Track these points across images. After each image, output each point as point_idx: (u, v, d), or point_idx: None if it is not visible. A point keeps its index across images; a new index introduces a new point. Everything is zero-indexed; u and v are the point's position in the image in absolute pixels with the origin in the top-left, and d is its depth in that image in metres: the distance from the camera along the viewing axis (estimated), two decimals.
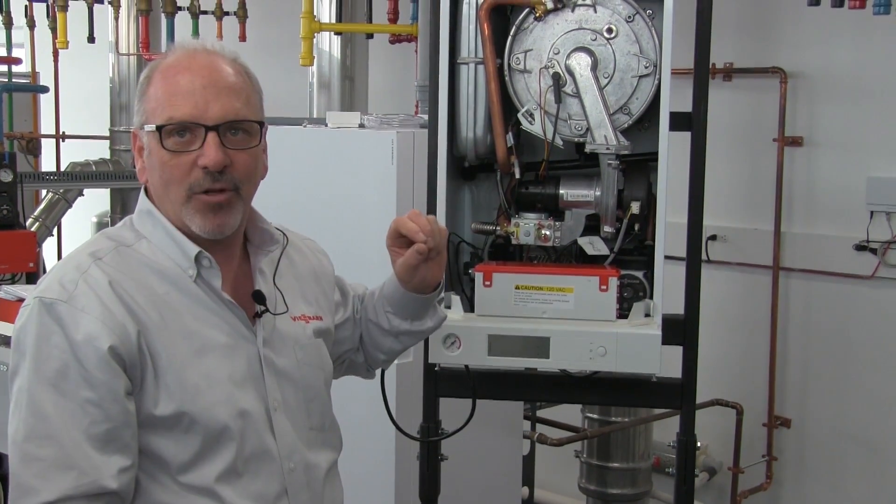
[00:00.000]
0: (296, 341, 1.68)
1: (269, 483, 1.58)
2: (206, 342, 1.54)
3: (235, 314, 1.59)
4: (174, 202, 1.55)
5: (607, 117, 2.04)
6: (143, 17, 5.38)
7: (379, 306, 1.87)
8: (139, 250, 1.56)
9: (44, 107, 6.80)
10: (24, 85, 6.57)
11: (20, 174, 4.95)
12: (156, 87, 1.56)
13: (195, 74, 1.54)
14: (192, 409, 1.50)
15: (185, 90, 1.53)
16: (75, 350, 1.44)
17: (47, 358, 1.44)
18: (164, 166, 1.54)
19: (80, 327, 1.44)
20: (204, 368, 1.52)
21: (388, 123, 2.97)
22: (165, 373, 1.49)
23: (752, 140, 4.34)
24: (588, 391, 2.34)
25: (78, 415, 1.43)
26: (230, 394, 1.54)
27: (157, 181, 1.56)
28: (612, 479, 4.20)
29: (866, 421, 4.12)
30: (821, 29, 4.07)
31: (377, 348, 1.92)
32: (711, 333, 3.94)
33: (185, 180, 1.53)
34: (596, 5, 2.08)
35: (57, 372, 1.44)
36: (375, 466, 2.96)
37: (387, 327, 1.87)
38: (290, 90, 5.28)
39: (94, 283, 1.48)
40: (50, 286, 1.49)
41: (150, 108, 1.55)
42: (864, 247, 3.99)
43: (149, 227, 1.58)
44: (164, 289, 1.54)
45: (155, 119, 1.54)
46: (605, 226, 2.12)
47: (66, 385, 1.43)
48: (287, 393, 1.64)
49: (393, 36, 4.86)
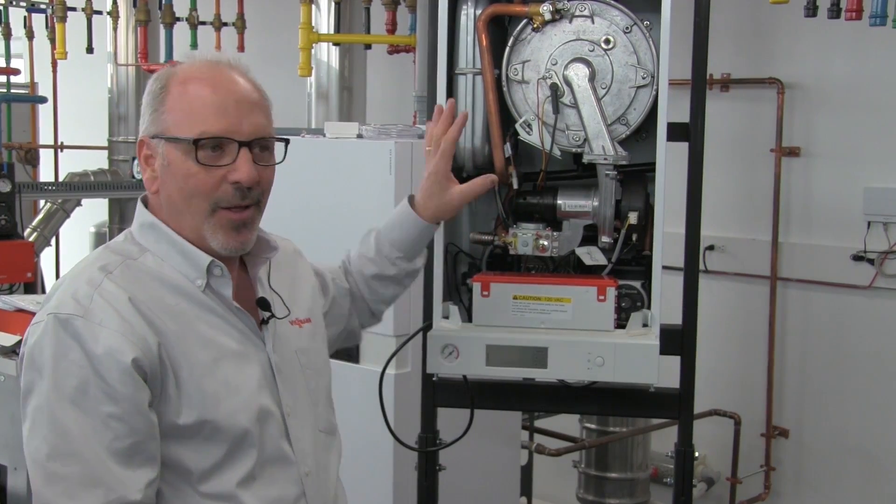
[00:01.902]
0: (297, 346, 1.71)
1: (288, 487, 1.60)
2: (221, 350, 1.55)
3: (244, 321, 1.61)
4: (196, 215, 1.55)
5: (605, 128, 2.04)
6: (141, 27, 5.39)
7: (383, 259, 1.94)
8: (145, 263, 1.55)
9: (42, 117, 6.80)
10: (23, 95, 6.57)
11: (18, 184, 4.95)
12: (178, 97, 1.54)
13: (223, 88, 1.55)
14: (214, 416, 1.50)
15: (216, 104, 1.53)
16: (95, 365, 1.42)
17: (66, 375, 1.42)
18: (189, 178, 1.53)
19: (100, 341, 1.43)
20: (222, 376, 1.53)
21: (386, 134, 2.97)
22: (186, 382, 1.49)
23: (749, 150, 4.35)
24: (586, 401, 2.33)
25: (100, 430, 1.42)
26: (249, 400, 1.56)
27: (177, 193, 1.55)
28: (610, 489, 4.20)
29: (864, 431, 4.13)
30: (817, 40, 4.09)
31: (381, 300, 2.02)
32: (709, 343, 3.94)
33: (213, 194, 1.53)
34: (594, 16, 2.09)
35: (76, 388, 1.42)
36: (373, 476, 2.96)
37: (393, 273, 1.95)
38: (289, 100, 5.27)
39: (109, 297, 1.47)
40: (63, 302, 1.47)
41: (172, 118, 1.54)
42: (861, 257, 4.00)
43: (152, 240, 1.58)
44: (174, 300, 1.53)
45: (182, 131, 1.52)
46: (602, 236, 2.12)
47: (87, 401, 1.42)
48: (298, 397, 1.66)
49: (391, 47, 4.87)
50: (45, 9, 6.13)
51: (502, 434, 3.30)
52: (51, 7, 5.70)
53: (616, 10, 2.08)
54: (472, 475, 3.10)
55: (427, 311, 2.19)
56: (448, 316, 2.16)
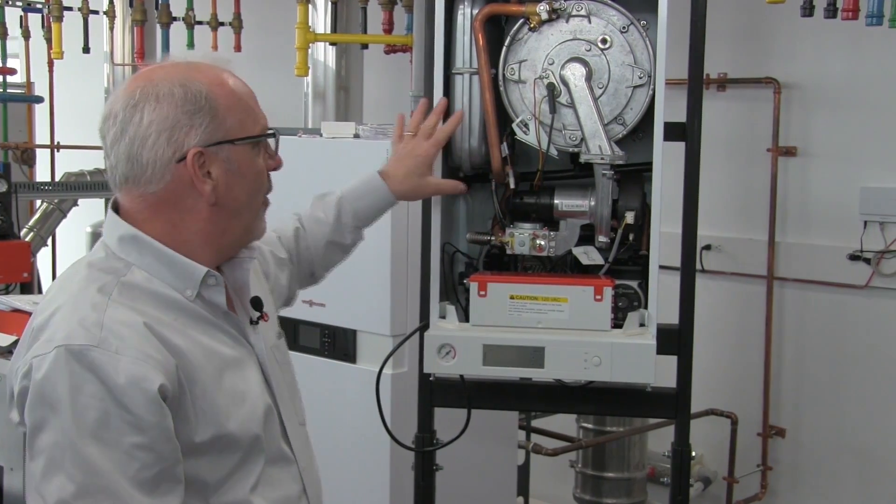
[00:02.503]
0: (271, 342, 1.70)
1: (291, 486, 1.62)
2: (223, 360, 1.53)
3: (235, 326, 1.59)
4: (253, 211, 1.59)
5: (602, 127, 2.05)
6: (138, 27, 5.38)
7: (341, 226, 2.03)
8: (135, 279, 1.49)
9: (39, 117, 6.79)
10: (19, 95, 6.56)
11: (15, 184, 4.93)
12: (226, 100, 1.52)
13: (243, 85, 1.58)
14: (228, 429, 1.48)
15: (254, 99, 1.58)
16: (117, 396, 1.36)
17: (85, 409, 1.35)
18: (260, 175, 1.58)
19: (121, 371, 1.36)
20: (227, 386, 1.51)
21: (383, 133, 2.97)
22: (200, 399, 1.45)
23: (746, 150, 4.36)
24: (583, 401, 2.33)
25: (124, 462, 1.36)
26: (254, 405, 1.55)
27: (244, 195, 1.55)
28: (607, 489, 4.20)
29: (861, 430, 4.13)
30: (814, 40, 4.09)
31: (327, 267, 2.10)
32: (706, 343, 3.94)
33: (266, 184, 1.61)
34: (590, 16, 2.09)
35: (97, 422, 1.35)
36: (370, 476, 2.96)
37: (348, 242, 2.07)
38: (285, 100, 5.27)
39: (120, 322, 1.41)
40: (72, 332, 1.39)
41: (233, 121, 1.52)
42: (857, 257, 4.00)
43: (134, 254, 1.51)
44: (170, 315, 1.48)
45: (246, 131, 1.54)
46: (599, 236, 2.12)
47: (109, 434, 1.36)
48: (283, 395, 1.66)
49: (388, 46, 4.86)
50: (41, 8, 6.12)
51: (499, 434, 3.30)
52: (47, 7, 5.69)
53: (613, 9, 2.08)
54: (469, 475, 3.11)
55: (424, 311, 2.19)
56: (445, 316, 2.16)
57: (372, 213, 2.08)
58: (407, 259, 2.86)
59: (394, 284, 2.89)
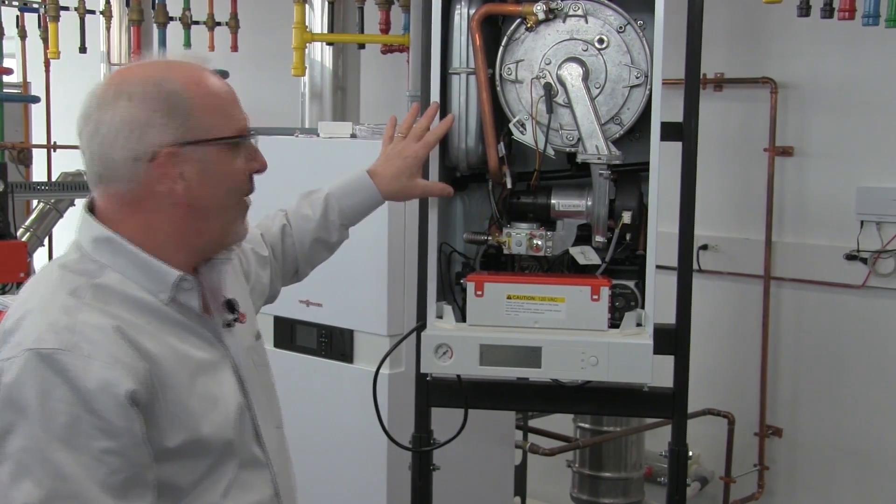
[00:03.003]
0: (247, 344, 1.68)
1: (264, 489, 1.60)
2: (196, 364, 1.51)
3: (209, 329, 1.57)
4: (230, 211, 1.57)
5: (599, 127, 2.05)
6: (134, 27, 5.37)
7: (328, 224, 2.04)
8: (108, 282, 1.47)
9: (35, 117, 6.79)
10: (16, 95, 6.55)
11: (11, 184, 4.93)
12: (202, 99, 1.51)
13: (222, 84, 1.56)
14: (200, 433, 1.47)
15: (233, 99, 1.56)
16: (87, 400, 1.34)
17: (54, 413, 1.33)
18: (235, 176, 1.54)
19: (91, 375, 1.35)
20: (200, 390, 1.49)
21: (379, 134, 2.96)
22: (172, 403, 1.44)
23: (742, 150, 4.36)
24: (580, 401, 2.33)
25: (94, 467, 1.35)
26: (227, 410, 1.53)
27: (219, 195, 1.53)
28: (604, 488, 4.20)
29: (857, 430, 4.13)
30: (811, 40, 4.09)
31: (312, 264, 2.10)
32: (703, 343, 3.94)
33: (244, 186, 1.58)
34: (587, 16, 2.09)
35: (66, 427, 1.34)
36: (367, 476, 2.96)
37: (334, 240, 2.07)
38: (282, 100, 5.27)
39: (92, 326, 1.39)
40: (42, 335, 1.37)
41: (208, 122, 1.50)
42: (854, 256, 4.01)
43: (108, 256, 1.49)
44: (142, 319, 1.47)
45: (222, 131, 1.52)
46: (596, 236, 2.12)
47: (78, 439, 1.34)
48: (259, 399, 1.64)
49: (385, 46, 4.86)
50: (37, 8, 6.11)
51: (496, 434, 3.30)
52: (43, 6, 5.69)
53: (610, 9, 2.08)
54: (466, 475, 3.11)
55: (421, 311, 2.19)
56: (442, 316, 2.16)
57: (358, 212, 2.09)
58: (404, 259, 2.86)
59: (391, 284, 2.89)
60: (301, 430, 3.03)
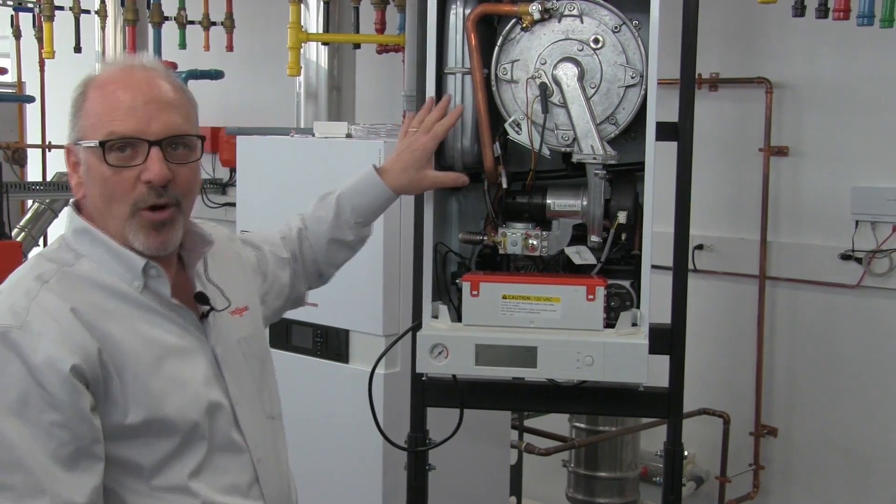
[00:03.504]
0: (238, 335, 1.74)
1: (240, 475, 1.64)
2: (165, 348, 1.58)
3: (185, 317, 1.63)
4: (117, 218, 1.57)
5: (594, 127, 2.05)
6: (129, 26, 5.37)
7: (341, 224, 2.06)
8: (81, 269, 1.56)
9: (30, 117, 6.78)
10: (10, 95, 6.55)
11: (6, 184, 4.94)
12: (93, 102, 1.56)
13: (135, 90, 1.56)
14: (162, 413, 1.53)
15: (126, 105, 1.54)
16: (36, 375, 1.43)
17: (6, 387, 1.43)
18: (106, 182, 1.55)
19: (39, 351, 1.44)
20: (167, 373, 1.56)
21: (375, 133, 2.97)
22: (132, 383, 1.51)
23: (737, 150, 4.36)
24: (575, 401, 2.34)
25: (43, 439, 1.43)
26: (196, 393, 1.59)
27: (98, 197, 1.57)
28: (599, 488, 4.20)
29: (852, 429, 4.14)
30: (806, 40, 4.10)
31: (333, 264, 2.13)
32: (698, 343, 3.95)
33: (129, 196, 1.55)
34: (583, 16, 2.09)
35: (17, 400, 1.43)
36: (363, 476, 2.96)
37: (350, 239, 2.09)
38: (277, 100, 5.27)
39: (46, 306, 1.48)
40: (1, 315, 1.47)
41: (88, 123, 1.56)
42: (849, 256, 4.01)
43: (86, 245, 1.58)
44: (113, 304, 1.55)
45: (95, 134, 1.54)
46: (592, 235, 2.13)
47: (29, 412, 1.43)
48: (244, 386, 1.70)
49: (380, 46, 4.86)
50: (32, 8, 6.10)
51: (492, 433, 3.30)
52: (38, 6, 5.68)
53: (605, 9, 2.08)
54: (462, 475, 3.11)
55: (416, 311, 2.19)
56: (437, 315, 2.16)
57: (372, 209, 2.10)
58: (399, 259, 2.86)
59: (386, 284, 2.89)
60: (297, 430, 3.02)
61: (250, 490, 1.65)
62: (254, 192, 3.14)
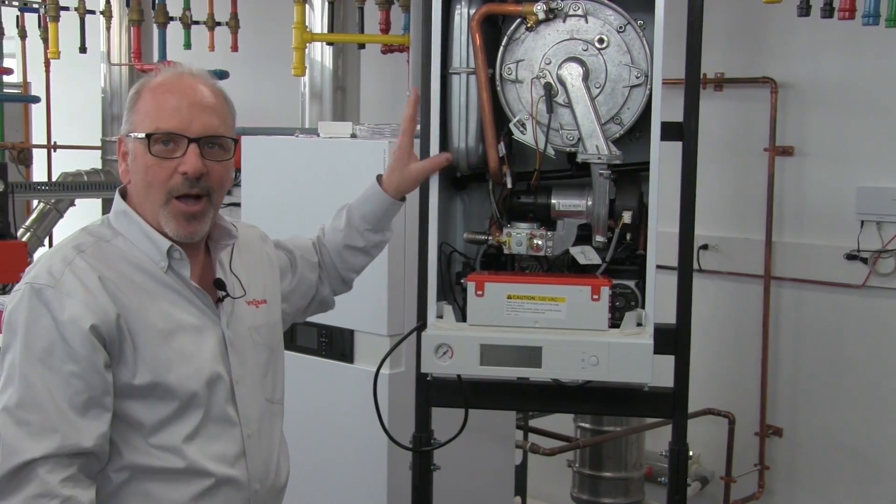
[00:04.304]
0: (251, 323, 1.92)
1: (229, 445, 1.81)
2: (178, 323, 1.78)
3: (202, 299, 1.83)
4: (154, 203, 1.78)
5: (599, 127, 2.05)
6: (134, 27, 5.38)
7: (353, 231, 2.20)
8: (116, 245, 1.78)
9: (35, 117, 6.79)
10: (16, 95, 6.56)
11: (11, 184, 4.94)
12: (145, 101, 1.78)
13: (182, 94, 1.78)
14: (166, 379, 1.73)
15: (172, 106, 1.76)
16: (61, 329, 1.65)
17: (36, 337, 1.66)
18: (147, 170, 1.76)
19: (66, 309, 1.66)
20: (177, 345, 1.76)
21: (379, 133, 2.97)
22: (143, 348, 1.72)
23: (742, 150, 4.36)
24: (580, 401, 2.33)
25: (62, 386, 1.65)
26: (200, 367, 1.78)
27: (140, 183, 1.78)
28: (604, 488, 4.20)
29: (857, 430, 4.13)
30: (811, 39, 4.10)
31: (351, 269, 2.26)
32: (703, 343, 3.94)
33: (166, 184, 1.76)
34: (587, 16, 2.09)
35: (44, 349, 1.65)
36: (368, 476, 2.96)
37: (362, 245, 2.22)
38: (282, 100, 5.27)
39: (78, 272, 1.70)
40: (39, 274, 1.70)
41: (138, 119, 1.78)
42: (854, 256, 4.01)
43: (124, 225, 1.80)
44: (139, 278, 1.76)
45: (143, 128, 1.76)
46: (596, 235, 2.12)
47: (53, 360, 1.65)
48: (247, 368, 1.88)
49: (385, 46, 4.86)
50: (37, 8, 6.11)
51: (496, 434, 3.30)
52: (43, 6, 5.69)
53: (610, 9, 2.08)
54: (467, 475, 3.11)
55: (421, 311, 2.19)
56: (442, 315, 2.16)
57: (377, 216, 2.20)
58: (404, 259, 2.85)
59: (391, 284, 2.89)
60: (301, 429, 3.03)
61: (236, 462, 1.82)
62: (259, 193, 3.14)
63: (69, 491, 1.63)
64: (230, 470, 1.80)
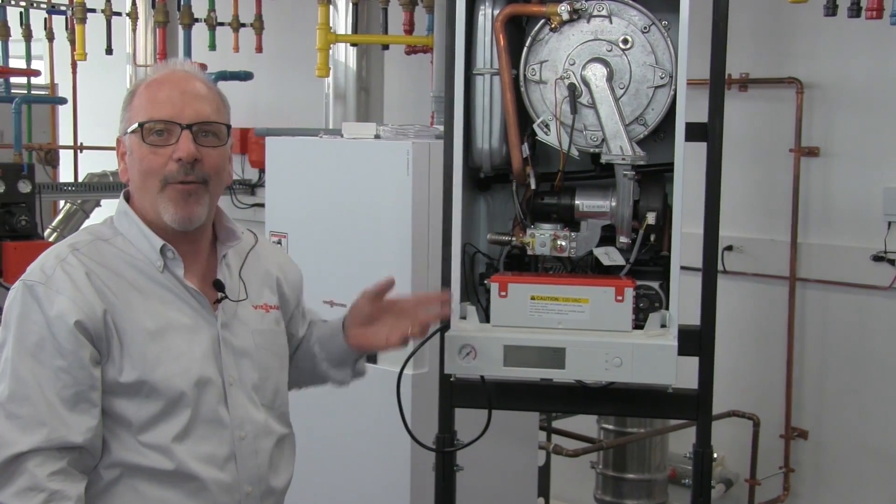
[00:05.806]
0: (255, 327, 1.90)
1: (219, 447, 1.80)
2: (169, 322, 1.78)
3: (197, 299, 1.82)
4: (151, 192, 1.78)
5: (623, 128, 2.04)
6: (160, 28, 5.41)
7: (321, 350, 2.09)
8: (115, 244, 1.80)
9: (62, 118, 6.84)
10: (43, 97, 6.61)
11: (38, 185, 4.98)
12: (139, 98, 1.81)
13: (174, 85, 1.81)
14: (152, 377, 1.73)
15: (164, 97, 1.79)
16: (50, 325, 1.69)
17: (28, 332, 1.70)
18: (143, 160, 1.78)
19: (54, 305, 1.69)
20: (165, 344, 1.76)
21: (403, 134, 2.97)
22: (130, 346, 1.73)
23: (768, 150, 4.34)
24: (604, 402, 2.33)
25: (52, 380, 1.68)
26: (188, 367, 1.77)
27: (137, 176, 1.80)
28: (627, 490, 4.19)
29: (884, 432, 4.10)
30: (837, 39, 4.07)
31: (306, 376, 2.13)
32: (727, 344, 3.92)
33: (162, 171, 1.77)
34: (612, 16, 2.09)
35: (35, 344, 1.69)
36: (391, 477, 2.97)
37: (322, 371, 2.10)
38: (306, 101, 5.29)
39: (68, 269, 1.73)
40: (33, 271, 1.74)
41: (133, 115, 1.80)
42: (881, 257, 3.98)
43: (125, 225, 1.83)
44: (133, 276, 1.78)
45: (137, 120, 1.78)
46: (620, 236, 2.12)
47: (43, 355, 1.68)
48: (244, 371, 1.86)
49: (408, 47, 4.87)
50: (65, 11, 6.16)
51: (520, 434, 3.30)
52: (70, 9, 5.73)
53: (634, 9, 2.08)
54: (490, 476, 3.10)
55: None
56: (465, 316, 2.16)
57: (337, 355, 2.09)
58: (428, 259, 2.86)
59: (414, 285, 2.89)
60: (325, 430, 3.04)
61: (226, 464, 1.80)
62: (283, 193, 3.16)
63: (57, 485, 1.65)
64: (218, 472, 1.79)
